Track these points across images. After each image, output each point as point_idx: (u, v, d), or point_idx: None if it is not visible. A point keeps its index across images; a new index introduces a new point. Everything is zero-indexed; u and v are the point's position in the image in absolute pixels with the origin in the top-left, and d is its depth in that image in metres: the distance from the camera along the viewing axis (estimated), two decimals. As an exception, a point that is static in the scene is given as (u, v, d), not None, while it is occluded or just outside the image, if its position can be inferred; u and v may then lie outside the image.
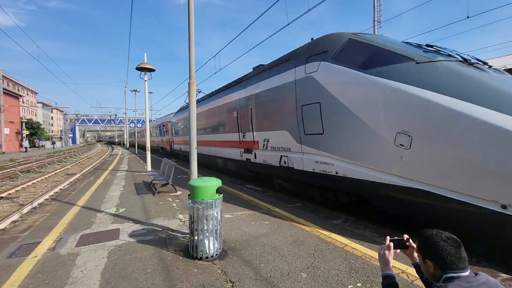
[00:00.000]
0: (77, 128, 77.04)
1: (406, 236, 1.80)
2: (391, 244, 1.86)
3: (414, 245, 1.74)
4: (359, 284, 2.89)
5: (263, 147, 7.63)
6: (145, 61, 12.10)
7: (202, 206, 3.46)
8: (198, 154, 5.32)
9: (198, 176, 4.49)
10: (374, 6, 13.78)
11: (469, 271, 1.47)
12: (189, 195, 3.66)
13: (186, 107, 16.42)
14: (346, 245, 3.88)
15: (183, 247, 3.92)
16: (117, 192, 8.04)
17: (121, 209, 6.07)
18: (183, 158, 18.17)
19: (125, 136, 45.30)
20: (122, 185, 9.37)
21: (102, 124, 76.78)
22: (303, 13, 8.03)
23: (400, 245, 1.81)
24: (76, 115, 73.40)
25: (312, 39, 6.37)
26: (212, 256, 3.55)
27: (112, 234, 4.51)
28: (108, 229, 4.78)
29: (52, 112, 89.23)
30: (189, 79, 4.73)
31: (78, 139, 78.92)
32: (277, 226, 4.76)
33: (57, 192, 9.79)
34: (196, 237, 3.53)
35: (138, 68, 11.82)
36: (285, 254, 3.63)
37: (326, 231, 4.41)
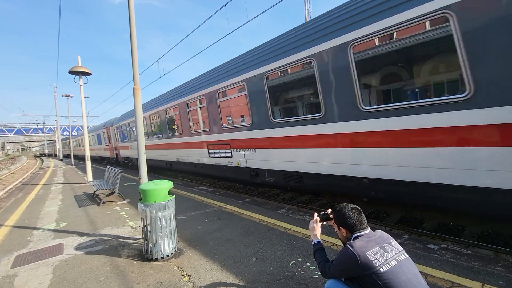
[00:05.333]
0: (-7, 140, 65.28)
1: (329, 210, 2.31)
2: (318, 218, 2.39)
3: None
4: (300, 259, 3.39)
5: None
6: (79, 64, 11.16)
7: (155, 208, 3.58)
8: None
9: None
10: (305, 18, 15.14)
11: (369, 229, 2.03)
12: (140, 199, 3.73)
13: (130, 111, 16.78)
14: (289, 229, 4.40)
15: (137, 252, 3.96)
16: (54, 207, 7.35)
17: (62, 224, 5.66)
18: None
19: (57, 146, 40.15)
20: (60, 198, 8.56)
21: (27, 134, 66.34)
22: (242, 24, 8.59)
23: (325, 218, 2.33)
24: (-9, 124, 62.20)
25: None
26: (168, 256, 3.69)
27: (55, 250, 4.26)
28: (49, 245, 4.48)
29: (-44, 122, 73.56)
30: (134, 85, 4.72)
31: (-4, 153, 66.96)
32: (229, 221, 5.08)
33: (-25, 215, 8.44)
34: (150, 240, 3.63)
35: (71, 72, 10.82)
36: (237, 244, 3.97)
37: (273, 220, 4.90)
